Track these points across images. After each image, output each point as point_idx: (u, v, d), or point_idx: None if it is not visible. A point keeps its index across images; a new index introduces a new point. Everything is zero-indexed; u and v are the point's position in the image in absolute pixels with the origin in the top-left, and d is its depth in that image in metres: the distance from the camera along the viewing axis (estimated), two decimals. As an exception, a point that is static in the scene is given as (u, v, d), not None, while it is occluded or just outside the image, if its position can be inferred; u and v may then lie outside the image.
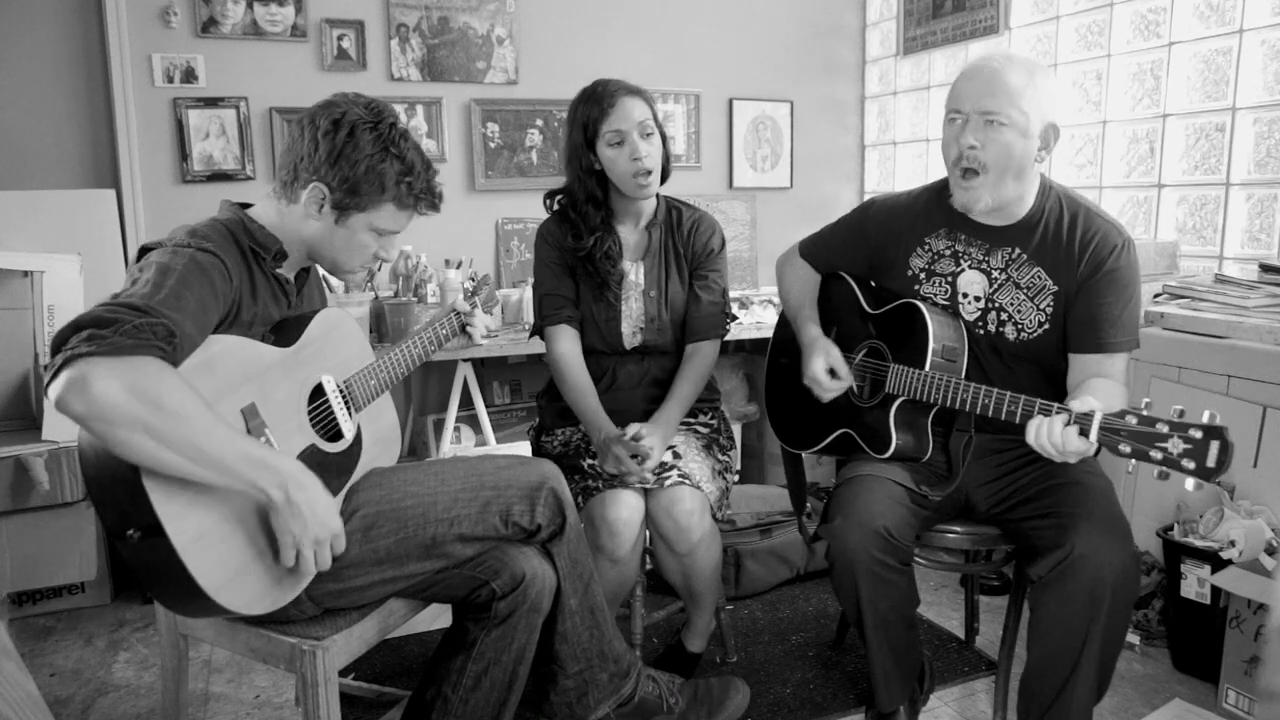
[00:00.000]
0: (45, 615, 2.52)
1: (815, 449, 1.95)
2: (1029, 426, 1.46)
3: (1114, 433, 1.36)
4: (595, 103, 1.90)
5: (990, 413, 1.55)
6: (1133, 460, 1.35)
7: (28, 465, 2.38)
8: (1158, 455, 1.32)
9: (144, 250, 1.35)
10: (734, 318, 2.11)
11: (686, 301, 2.02)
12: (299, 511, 1.26)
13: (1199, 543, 2.02)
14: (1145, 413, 1.34)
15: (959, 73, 1.70)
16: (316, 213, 1.46)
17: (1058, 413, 1.43)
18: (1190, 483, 1.31)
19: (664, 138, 1.95)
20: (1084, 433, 1.39)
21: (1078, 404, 1.42)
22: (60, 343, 1.12)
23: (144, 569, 1.22)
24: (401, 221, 1.52)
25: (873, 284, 1.94)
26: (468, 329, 1.83)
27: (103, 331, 1.11)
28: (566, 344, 2.00)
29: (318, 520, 1.28)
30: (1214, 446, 1.27)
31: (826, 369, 1.81)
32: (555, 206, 2.03)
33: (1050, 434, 1.42)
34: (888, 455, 1.73)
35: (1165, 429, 1.31)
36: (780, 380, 2.11)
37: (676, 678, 1.85)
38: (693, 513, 1.82)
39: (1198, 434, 1.28)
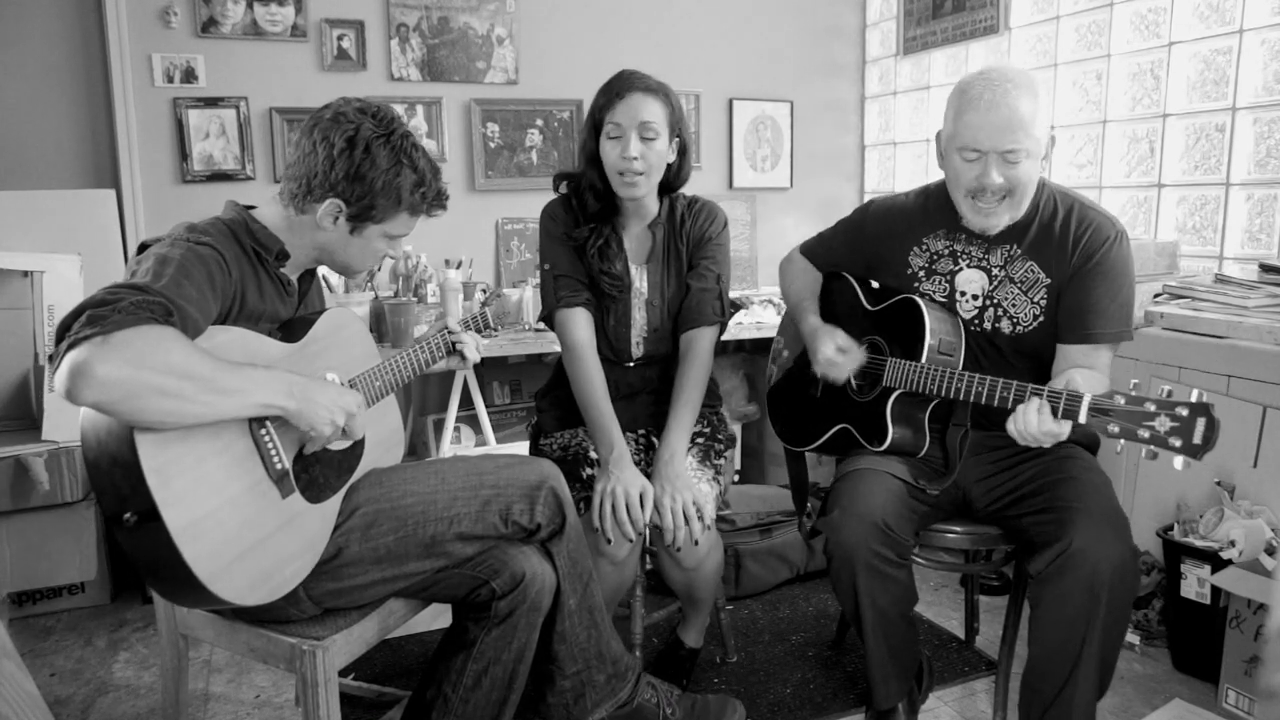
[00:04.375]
0: (45, 615, 2.51)
1: (814, 445, 1.95)
2: (1014, 413, 1.48)
3: (1103, 413, 1.38)
4: (608, 92, 1.81)
5: (984, 400, 1.57)
6: (1121, 440, 1.37)
7: (28, 465, 2.38)
8: (1145, 434, 1.33)
9: (143, 246, 1.37)
10: (733, 306, 1.99)
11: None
12: (310, 406, 1.32)
13: (1199, 543, 2.02)
14: (1133, 393, 1.37)
15: (965, 98, 1.63)
16: (331, 224, 1.48)
17: (1048, 397, 1.46)
18: (1179, 461, 1.32)
19: (685, 148, 1.86)
20: (1071, 414, 1.42)
21: (1062, 383, 1.45)
22: (64, 330, 1.13)
23: (140, 555, 1.22)
24: (413, 225, 1.56)
25: (873, 283, 1.95)
26: (459, 348, 1.75)
27: (102, 311, 1.13)
28: (584, 331, 1.87)
29: (327, 407, 1.34)
30: (1200, 423, 1.29)
31: (836, 349, 1.80)
32: (563, 189, 1.93)
33: (1026, 420, 1.46)
34: (884, 447, 1.74)
35: (1152, 408, 1.33)
36: (781, 379, 2.11)
37: (675, 689, 1.84)
38: (699, 531, 1.81)
39: (1184, 411, 1.30)
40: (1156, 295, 2.40)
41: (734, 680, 2.11)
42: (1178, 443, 1.30)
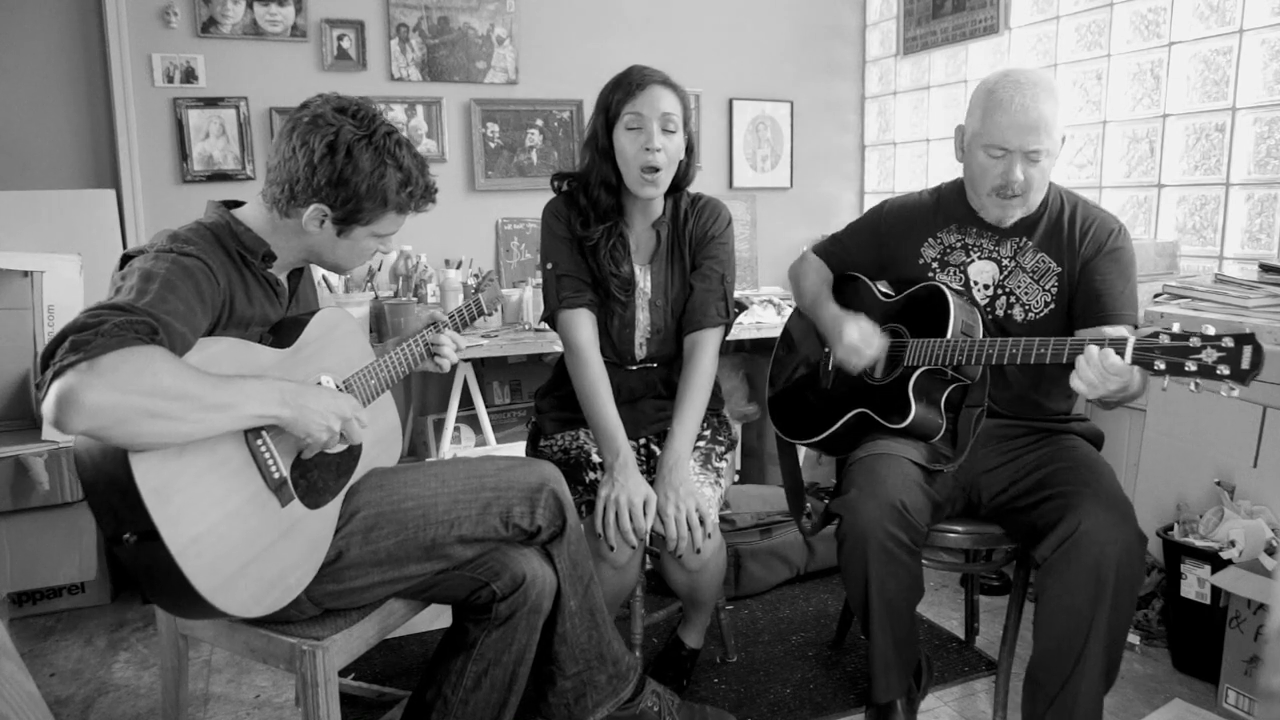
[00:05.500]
0: (45, 615, 2.52)
1: (826, 434, 1.93)
2: (1077, 367, 1.49)
3: (1148, 351, 1.41)
4: (623, 86, 1.78)
5: (1019, 359, 1.58)
6: (1167, 377, 1.40)
7: (28, 465, 2.37)
8: (1192, 367, 1.37)
9: (126, 258, 1.34)
10: (739, 306, 1.95)
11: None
12: (304, 413, 1.31)
13: (1199, 543, 2.02)
14: (1177, 330, 1.40)
15: (993, 99, 1.71)
16: (317, 228, 1.46)
17: (1092, 344, 1.47)
18: (1224, 389, 1.35)
19: (690, 146, 1.84)
20: (1119, 354, 1.44)
21: (1110, 330, 1.48)
22: (48, 357, 1.11)
23: (141, 573, 1.22)
24: (401, 222, 1.53)
25: (885, 283, 1.98)
26: (436, 359, 1.70)
27: (85, 336, 1.10)
28: (588, 333, 1.84)
29: (323, 414, 1.34)
30: (1247, 350, 1.33)
31: (861, 334, 1.80)
32: (563, 188, 1.89)
33: (1090, 361, 1.46)
34: (908, 423, 1.74)
35: (1198, 342, 1.37)
36: (784, 373, 2.12)
37: (676, 698, 1.84)
38: (701, 539, 1.80)
39: (1229, 342, 1.34)
40: (1156, 295, 2.40)
41: (734, 680, 2.11)
42: (1226, 370, 1.34)
